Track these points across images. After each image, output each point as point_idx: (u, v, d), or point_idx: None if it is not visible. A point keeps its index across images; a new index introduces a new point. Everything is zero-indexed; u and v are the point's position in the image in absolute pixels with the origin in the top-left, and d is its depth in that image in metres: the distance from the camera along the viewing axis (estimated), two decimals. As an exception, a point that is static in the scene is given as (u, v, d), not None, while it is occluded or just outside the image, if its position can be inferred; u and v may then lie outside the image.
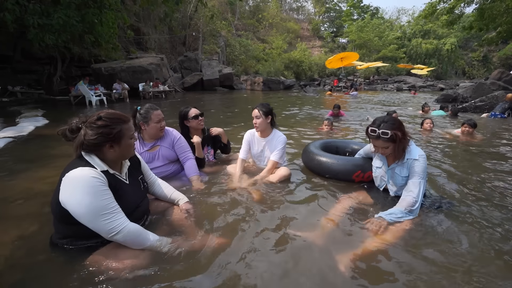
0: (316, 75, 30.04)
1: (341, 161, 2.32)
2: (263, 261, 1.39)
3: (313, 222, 1.77)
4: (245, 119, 6.16)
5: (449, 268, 1.33)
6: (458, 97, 10.22)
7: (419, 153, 1.77)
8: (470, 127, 4.41)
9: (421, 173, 1.73)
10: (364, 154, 2.25)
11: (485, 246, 1.51)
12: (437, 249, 1.47)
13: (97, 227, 1.20)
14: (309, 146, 2.70)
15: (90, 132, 1.23)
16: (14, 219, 1.83)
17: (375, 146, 1.82)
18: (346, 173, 2.25)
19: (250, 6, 34.95)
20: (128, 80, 11.84)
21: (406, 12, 61.16)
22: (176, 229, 1.60)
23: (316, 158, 2.46)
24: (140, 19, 16.77)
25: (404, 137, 1.73)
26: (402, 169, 1.82)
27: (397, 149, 1.75)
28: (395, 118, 1.78)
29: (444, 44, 33.18)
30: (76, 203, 1.17)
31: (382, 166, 1.97)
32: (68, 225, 1.25)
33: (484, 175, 2.66)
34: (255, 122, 2.44)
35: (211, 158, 2.79)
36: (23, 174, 2.75)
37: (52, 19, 7.27)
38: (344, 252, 1.43)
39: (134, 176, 1.51)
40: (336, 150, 2.79)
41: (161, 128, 2.17)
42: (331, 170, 2.34)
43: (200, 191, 2.15)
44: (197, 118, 2.50)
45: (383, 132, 1.70)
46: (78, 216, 1.19)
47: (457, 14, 14.37)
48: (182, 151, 2.29)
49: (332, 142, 2.90)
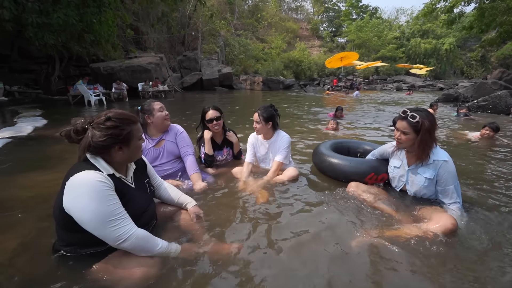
0: (316, 74, 30.03)
1: (354, 163, 2.24)
2: (276, 266, 1.33)
3: (325, 222, 1.71)
4: (245, 120, 6.08)
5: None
6: (460, 96, 10.19)
7: (446, 155, 1.71)
8: (491, 130, 4.02)
9: (454, 176, 1.69)
10: (379, 155, 2.17)
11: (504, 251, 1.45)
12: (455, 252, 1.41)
13: (103, 234, 1.12)
14: (320, 147, 2.62)
15: (98, 133, 1.15)
16: (13, 225, 1.75)
17: (397, 128, 1.75)
18: (358, 175, 2.16)
19: (249, 5, 34.85)
20: (127, 80, 11.74)
21: (405, 12, 61.27)
22: (185, 234, 1.53)
23: (328, 160, 2.38)
24: (139, 18, 16.64)
25: (430, 136, 1.66)
26: (427, 170, 1.74)
27: (416, 144, 1.68)
28: (431, 113, 1.71)
29: (443, 44, 33.24)
30: (81, 209, 1.09)
31: (401, 166, 1.91)
32: (72, 232, 1.17)
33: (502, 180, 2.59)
34: (255, 126, 2.38)
35: (230, 158, 2.74)
36: (22, 176, 2.66)
37: (52, 19, 7.17)
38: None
39: (140, 179, 1.43)
40: (348, 151, 2.71)
41: (166, 116, 2.18)
42: (343, 172, 2.25)
43: (207, 194, 2.08)
44: (211, 122, 2.42)
45: (412, 115, 1.66)
46: (83, 223, 1.11)
47: (457, 14, 14.34)
48: (183, 145, 2.27)
49: (344, 143, 2.82)
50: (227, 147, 2.66)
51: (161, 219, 1.59)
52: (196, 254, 1.36)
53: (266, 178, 2.31)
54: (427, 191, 1.80)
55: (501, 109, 7.71)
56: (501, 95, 7.71)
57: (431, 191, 1.80)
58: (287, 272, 1.29)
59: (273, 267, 1.33)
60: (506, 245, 1.50)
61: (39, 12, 7.09)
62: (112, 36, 9.78)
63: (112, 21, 9.21)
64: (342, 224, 1.70)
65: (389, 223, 1.67)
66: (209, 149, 2.47)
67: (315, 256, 1.41)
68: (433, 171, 1.72)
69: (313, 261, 1.37)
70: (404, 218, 1.70)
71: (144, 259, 1.21)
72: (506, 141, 4.05)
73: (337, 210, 1.87)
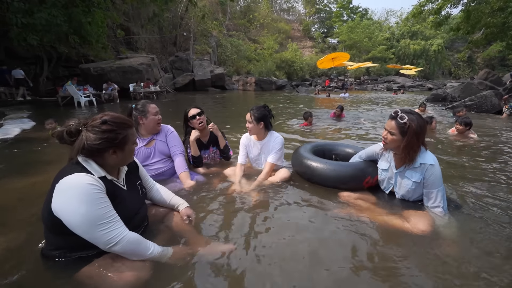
0: (308, 75, 30.26)
1: (348, 168, 2.11)
2: (269, 267, 1.34)
3: (316, 223, 1.73)
4: (239, 119, 6.08)
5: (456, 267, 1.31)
6: (447, 96, 10.43)
7: (433, 158, 1.71)
8: (463, 125, 4.05)
9: (440, 180, 1.70)
10: (366, 156, 2.14)
11: (493, 245, 1.49)
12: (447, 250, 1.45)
13: (93, 238, 1.11)
14: (302, 153, 2.39)
15: (93, 136, 1.14)
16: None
17: (385, 127, 1.76)
18: (356, 181, 2.06)
19: (241, 6, 34.90)
20: (119, 81, 11.60)
21: (395, 13, 62.21)
22: (177, 236, 1.52)
23: (318, 168, 2.16)
24: (129, 18, 16.44)
25: (417, 140, 1.66)
26: (414, 173, 1.75)
27: (402, 146, 1.69)
28: (422, 117, 1.72)
29: (431, 45, 34.00)
30: (71, 212, 1.07)
31: (389, 169, 1.92)
32: (61, 235, 1.15)
33: (488, 176, 2.67)
34: (247, 126, 2.38)
35: (217, 157, 2.75)
36: (9, 179, 2.60)
37: (35, 18, 6.95)
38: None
39: (132, 181, 1.42)
40: (323, 154, 2.57)
41: (158, 121, 2.21)
42: (340, 180, 2.09)
43: (199, 195, 2.07)
44: (194, 118, 2.44)
45: (401, 116, 1.67)
46: (72, 226, 1.09)
47: (444, 16, 14.70)
48: (173, 144, 2.30)
49: (319, 146, 2.66)
50: (213, 146, 2.68)
51: (152, 221, 1.58)
52: (188, 256, 1.35)
53: (258, 179, 2.31)
54: (415, 194, 1.81)
55: (486, 109, 7.93)
56: (486, 95, 7.94)
57: (418, 194, 1.80)
58: (280, 273, 1.30)
59: (266, 268, 1.33)
60: (490, 250, 1.51)
61: (24, 11, 6.89)
62: (102, 37, 9.64)
63: (102, 21, 9.07)
64: (333, 226, 1.71)
65: (378, 227, 1.69)
66: (195, 151, 2.48)
67: (308, 256, 1.42)
68: (420, 175, 1.72)
69: (306, 262, 1.38)
70: (389, 221, 1.70)
71: (135, 263, 1.19)
72: (476, 137, 4.15)
73: (329, 211, 1.88)
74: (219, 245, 1.49)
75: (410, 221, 1.62)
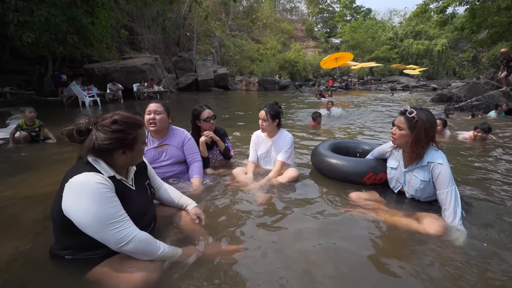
0: (311, 75, 30.18)
1: (352, 162, 2.23)
2: (279, 268, 1.31)
3: (327, 224, 1.71)
4: (242, 119, 6.07)
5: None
6: (453, 96, 10.33)
7: (441, 157, 1.67)
8: (483, 132, 3.83)
9: (449, 180, 1.61)
10: (378, 155, 2.16)
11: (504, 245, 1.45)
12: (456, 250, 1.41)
13: (104, 238, 1.09)
14: (319, 147, 2.61)
15: (103, 136, 1.12)
16: (7, 228, 1.70)
17: (394, 123, 1.75)
18: (357, 175, 2.15)
19: (244, 6, 34.91)
20: (122, 81, 11.66)
21: (398, 13, 61.79)
22: (185, 235, 1.50)
23: (326, 160, 2.37)
24: (133, 19, 16.52)
25: (426, 136, 1.64)
26: (422, 172, 1.72)
27: (410, 142, 1.67)
28: (432, 114, 1.70)
29: (435, 45, 33.72)
30: (81, 212, 1.06)
31: (398, 167, 1.89)
32: (71, 235, 1.14)
33: (498, 177, 2.62)
34: (261, 124, 2.37)
35: (221, 157, 2.73)
36: (16, 178, 2.60)
37: (34, 17, 6.89)
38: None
39: (140, 181, 1.40)
40: (347, 151, 2.69)
41: (151, 120, 2.03)
42: (341, 172, 2.25)
43: (208, 195, 2.05)
44: (209, 121, 2.44)
45: (410, 111, 1.66)
46: (83, 226, 1.08)
47: (449, 15, 14.54)
48: (190, 152, 2.25)
49: (342, 143, 2.81)
50: (217, 146, 2.67)
51: (161, 220, 1.56)
52: (197, 256, 1.34)
53: (268, 177, 2.30)
54: (424, 193, 1.77)
55: (493, 109, 7.81)
56: (493, 95, 7.83)
57: (428, 193, 1.76)
58: (291, 275, 1.28)
59: (276, 270, 1.31)
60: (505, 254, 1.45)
61: (22, 9, 6.83)
62: (106, 37, 9.66)
63: (106, 22, 9.09)
64: (344, 227, 1.69)
65: (388, 227, 1.66)
66: (204, 151, 2.49)
67: (318, 258, 1.40)
68: (427, 173, 1.69)
69: (316, 263, 1.36)
70: (402, 222, 1.66)
71: (144, 263, 1.17)
72: (496, 139, 4.00)
73: (339, 212, 1.86)
74: (228, 246, 1.47)
75: (423, 222, 1.58)
